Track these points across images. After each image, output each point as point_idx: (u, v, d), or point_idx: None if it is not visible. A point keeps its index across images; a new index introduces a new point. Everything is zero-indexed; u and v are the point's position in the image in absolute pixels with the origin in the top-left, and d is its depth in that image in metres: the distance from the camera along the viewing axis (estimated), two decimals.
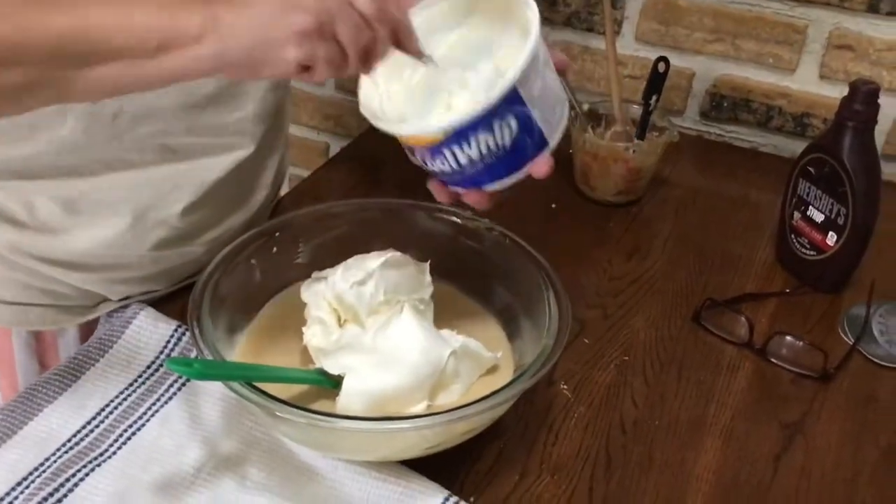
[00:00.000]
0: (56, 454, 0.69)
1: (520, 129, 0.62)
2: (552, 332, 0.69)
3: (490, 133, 0.62)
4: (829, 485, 0.71)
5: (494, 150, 0.63)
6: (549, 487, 0.70)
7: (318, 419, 0.61)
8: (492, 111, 0.61)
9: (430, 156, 0.64)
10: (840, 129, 0.87)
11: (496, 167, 0.65)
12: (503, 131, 0.62)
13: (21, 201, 0.77)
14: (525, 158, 0.65)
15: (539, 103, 0.63)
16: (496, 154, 0.63)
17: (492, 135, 0.62)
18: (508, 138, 0.63)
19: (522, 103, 0.62)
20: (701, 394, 0.79)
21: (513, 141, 0.63)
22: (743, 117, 1.22)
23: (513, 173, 0.66)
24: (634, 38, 1.22)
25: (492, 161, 0.64)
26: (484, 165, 0.64)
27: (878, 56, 1.11)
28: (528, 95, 0.62)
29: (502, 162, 0.64)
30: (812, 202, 0.91)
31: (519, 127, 0.62)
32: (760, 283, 0.94)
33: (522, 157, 0.65)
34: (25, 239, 0.79)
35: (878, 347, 0.85)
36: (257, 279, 0.78)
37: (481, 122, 0.61)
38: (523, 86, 0.61)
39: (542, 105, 0.63)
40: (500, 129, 0.62)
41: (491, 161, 0.64)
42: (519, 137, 0.63)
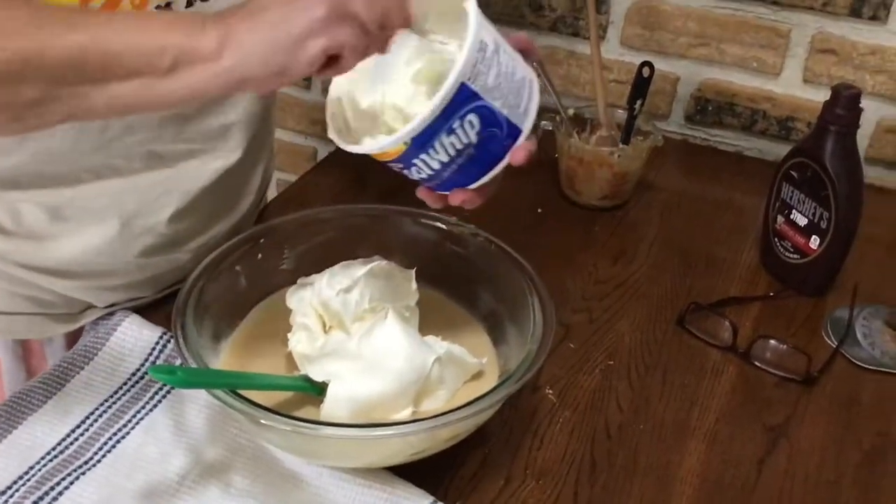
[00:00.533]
0: (41, 462, 0.69)
1: (483, 123, 0.62)
2: (537, 337, 0.69)
3: (452, 134, 0.61)
4: (813, 487, 0.72)
5: (463, 149, 0.62)
6: (533, 493, 0.70)
7: (302, 426, 0.61)
8: (445, 113, 0.60)
9: (404, 167, 0.64)
10: (822, 133, 0.87)
11: (472, 165, 0.64)
12: (465, 129, 0.61)
13: (6, 209, 0.77)
14: (500, 150, 0.64)
15: (498, 93, 0.62)
16: (467, 153, 0.63)
17: (455, 135, 0.61)
18: (474, 135, 0.62)
19: (478, 98, 0.60)
20: (685, 397, 0.80)
21: (479, 137, 0.62)
22: (727, 121, 1.23)
23: (492, 167, 0.65)
24: (619, 43, 1.23)
25: (465, 160, 0.63)
26: (459, 166, 0.64)
27: (861, 60, 1.12)
28: (482, 88, 0.60)
29: (477, 159, 0.64)
30: (795, 206, 0.92)
31: (482, 122, 0.61)
32: (744, 286, 0.94)
33: (496, 149, 0.64)
34: (11, 247, 0.79)
35: (862, 350, 0.85)
36: (242, 286, 0.78)
37: (439, 127, 0.60)
38: (474, 80, 0.60)
39: (502, 94, 0.62)
40: (462, 128, 0.61)
41: (464, 161, 0.63)
42: (485, 132, 0.62)
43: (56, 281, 0.81)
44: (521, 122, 0.65)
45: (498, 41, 0.62)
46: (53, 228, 0.78)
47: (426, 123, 0.60)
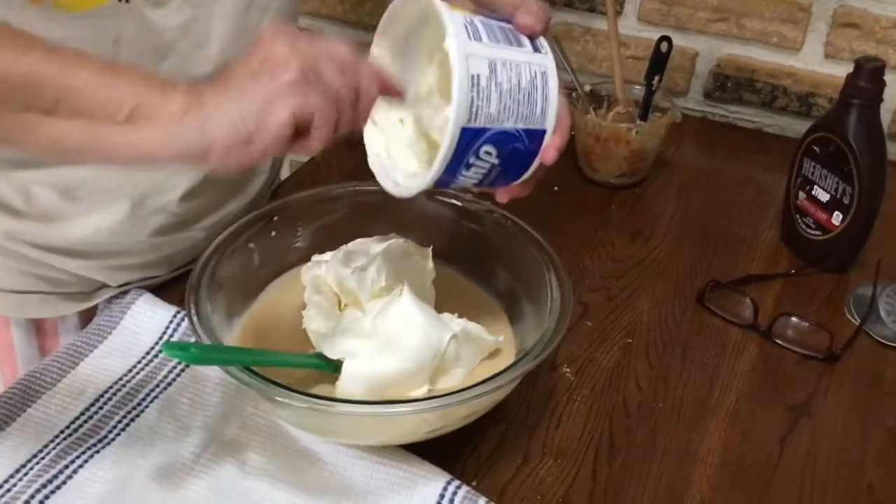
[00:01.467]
0: (55, 440, 0.69)
1: (500, 147, 0.60)
2: (554, 314, 0.68)
3: (472, 167, 0.60)
4: (836, 466, 0.71)
5: (489, 171, 0.61)
6: (551, 471, 0.69)
7: (318, 403, 0.60)
8: (453, 161, 0.59)
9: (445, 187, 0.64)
10: (845, 107, 0.86)
11: (504, 177, 0.64)
12: (484, 159, 0.60)
13: (18, 189, 0.77)
14: (529, 156, 0.63)
15: (506, 114, 0.59)
16: (495, 172, 0.62)
17: (475, 167, 0.60)
18: (495, 158, 0.61)
19: (485, 131, 0.59)
20: (705, 376, 0.79)
21: (501, 157, 0.61)
22: (747, 97, 1.21)
23: (524, 172, 0.64)
24: (637, 19, 1.21)
25: (495, 175, 0.62)
26: (492, 179, 0.63)
27: (884, 34, 1.10)
28: (486, 120, 0.58)
29: (507, 172, 0.63)
30: (817, 181, 0.90)
31: (497, 147, 0.60)
32: (765, 264, 0.93)
33: (524, 157, 0.63)
34: (23, 227, 0.79)
35: (885, 328, 0.84)
36: (256, 263, 0.77)
37: (454, 168, 0.59)
38: (475, 119, 0.58)
39: (511, 111, 0.60)
40: (480, 159, 0.60)
41: (496, 175, 0.62)
42: (506, 150, 0.61)
43: (68, 261, 0.81)
44: (541, 124, 0.62)
45: (495, 57, 0.59)
46: (65, 208, 0.78)
47: (434, 177, 0.59)
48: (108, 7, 0.65)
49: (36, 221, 0.78)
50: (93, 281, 0.84)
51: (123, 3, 0.66)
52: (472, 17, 0.60)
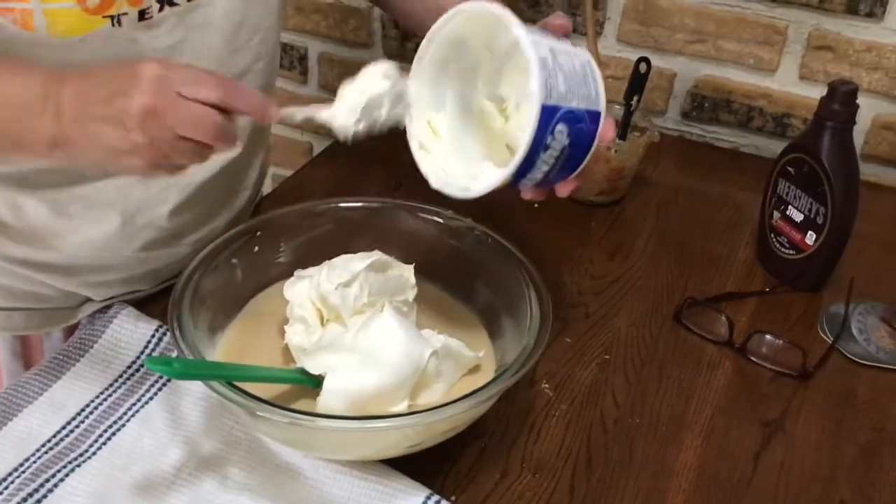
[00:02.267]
0: (36, 454, 0.69)
1: (570, 126, 0.63)
2: (533, 331, 0.69)
3: (548, 149, 0.62)
4: (809, 482, 0.72)
5: (560, 153, 0.63)
6: (530, 486, 0.70)
7: (299, 418, 0.61)
8: (536, 140, 0.60)
9: (514, 185, 0.65)
10: (819, 128, 0.87)
11: (570, 160, 0.65)
12: (558, 139, 0.62)
13: (8, 204, 0.77)
14: (590, 137, 0.66)
15: (571, 94, 0.63)
16: (564, 154, 0.64)
17: (550, 148, 0.62)
18: (566, 138, 0.63)
19: (558, 109, 0.61)
20: (681, 392, 0.80)
21: (570, 138, 0.63)
22: (724, 118, 1.23)
23: (586, 154, 0.67)
24: (616, 39, 1.23)
25: (564, 160, 0.64)
26: (559, 166, 0.65)
27: (858, 57, 1.12)
28: (557, 99, 0.61)
29: (573, 154, 0.65)
30: (791, 202, 0.92)
31: (568, 126, 0.63)
32: (740, 282, 0.94)
33: (586, 138, 0.66)
34: (11, 243, 0.79)
35: (857, 346, 0.85)
36: (239, 278, 0.78)
37: (535, 152, 0.61)
38: (549, 96, 0.60)
39: (574, 92, 0.63)
40: (555, 139, 0.62)
41: (564, 160, 0.64)
42: (574, 131, 0.63)
43: (56, 277, 0.81)
44: (596, 105, 0.66)
45: (552, 46, 0.63)
46: (55, 224, 0.78)
47: (521, 159, 0.61)
48: (101, 32, 0.66)
49: (25, 236, 0.78)
50: (77, 296, 0.84)
51: (117, 28, 0.66)
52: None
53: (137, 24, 0.68)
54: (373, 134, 0.65)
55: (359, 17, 1.39)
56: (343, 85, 0.65)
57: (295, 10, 1.41)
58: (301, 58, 1.46)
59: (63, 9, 0.63)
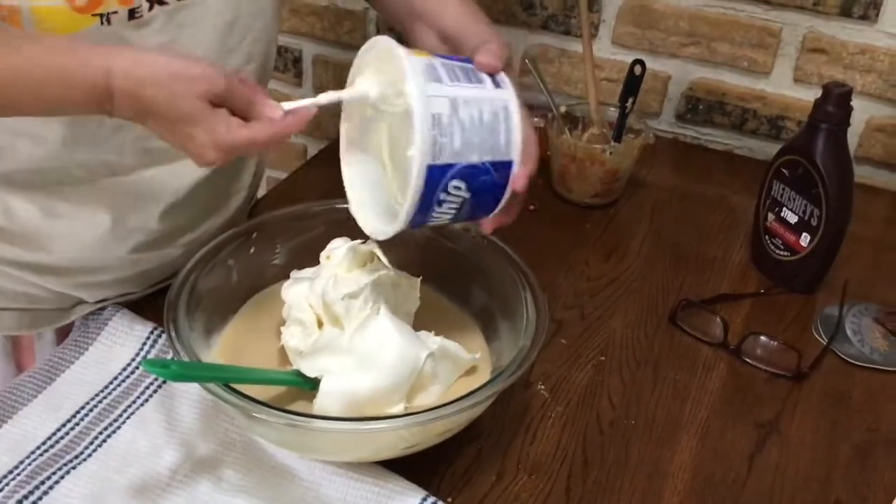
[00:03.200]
0: (31, 457, 0.68)
1: (468, 180, 0.62)
2: (529, 332, 0.69)
3: (444, 203, 0.62)
4: (803, 483, 0.72)
5: (461, 204, 0.63)
6: (526, 487, 0.70)
7: (295, 420, 0.61)
8: (423, 200, 0.60)
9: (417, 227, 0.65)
10: (813, 130, 0.88)
11: (478, 209, 0.65)
12: (454, 194, 0.62)
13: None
14: (500, 186, 0.65)
15: (470, 148, 0.61)
16: (468, 205, 0.63)
17: (446, 203, 0.62)
18: (465, 192, 0.62)
19: (450, 167, 0.60)
20: (676, 393, 0.80)
21: (471, 190, 0.63)
22: (718, 120, 1.23)
23: (497, 202, 0.66)
24: (611, 42, 1.23)
25: (469, 208, 0.64)
26: (467, 213, 0.64)
27: (851, 59, 1.13)
28: (451, 156, 0.60)
29: (480, 205, 0.65)
30: (786, 203, 0.92)
31: (466, 181, 0.62)
32: (735, 284, 0.95)
33: (495, 188, 0.64)
34: (3, 244, 0.78)
35: (851, 347, 0.86)
36: (234, 280, 0.78)
37: (425, 207, 0.61)
38: (439, 156, 0.60)
39: (474, 146, 0.62)
40: (450, 195, 0.62)
41: (468, 209, 0.64)
42: (475, 183, 0.62)
43: (47, 278, 0.81)
44: (506, 155, 0.64)
45: (456, 95, 0.61)
46: (46, 225, 0.78)
47: (407, 218, 0.61)
48: (90, 30, 0.66)
49: (16, 238, 0.78)
50: (70, 297, 0.84)
51: (106, 26, 0.66)
52: (433, 60, 0.63)
53: (127, 22, 0.68)
54: None
55: (354, 20, 1.39)
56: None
57: (290, 13, 1.41)
58: (296, 60, 1.46)
59: (51, 6, 0.63)
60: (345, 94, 0.66)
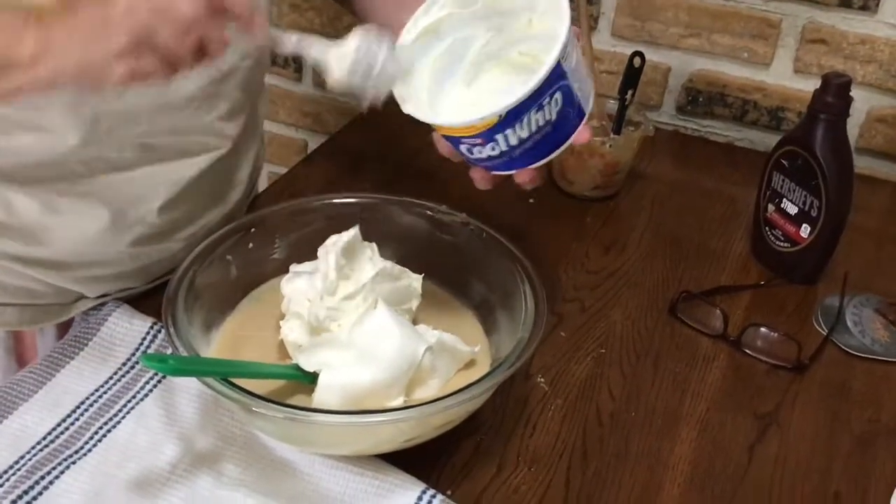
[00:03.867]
0: (31, 452, 0.69)
1: (564, 102, 0.64)
2: (528, 325, 0.69)
3: (541, 110, 0.63)
4: (804, 474, 0.72)
5: (543, 125, 0.64)
6: (525, 479, 0.70)
7: (294, 413, 0.61)
8: (541, 89, 0.61)
9: (481, 142, 0.65)
10: (813, 121, 0.88)
11: (543, 144, 0.66)
12: (551, 107, 0.63)
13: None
14: (568, 130, 0.66)
15: (576, 75, 0.64)
16: (544, 130, 0.64)
17: (542, 111, 0.63)
18: (555, 113, 0.64)
19: (565, 77, 0.63)
20: (676, 385, 0.80)
21: (558, 115, 0.64)
22: (718, 111, 1.23)
23: (558, 147, 0.67)
24: (610, 34, 1.23)
25: (540, 138, 0.65)
26: (533, 143, 0.65)
27: (851, 50, 1.12)
28: (568, 68, 0.63)
29: (549, 137, 0.65)
30: (786, 195, 0.92)
31: (563, 101, 0.64)
32: (735, 275, 0.95)
33: (566, 129, 0.66)
34: (3, 238, 0.79)
35: (852, 338, 0.85)
36: (233, 275, 0.78)
37: (533, 102, 0.62)
38: (565, 59, 0.62)
39: (578, 76, 0.64)
40: (549, 104, 0.63)
41: (539, 138, 0.65)
42: (563, 111, 0.64)
43: (48, 272, 0.81)
44: (585, 106, 0.67)
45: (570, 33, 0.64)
46: (45, 220, 0.78)
47: (527, 95, 0.61)
48: None
49: (16, 233, 0.78)
50: (71, 292, 0.84)
51: None
52: None
53: None
54: (358, 93, 0.65)
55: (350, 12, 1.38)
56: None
57: (290, 8, 1.41)
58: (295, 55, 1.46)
59: None
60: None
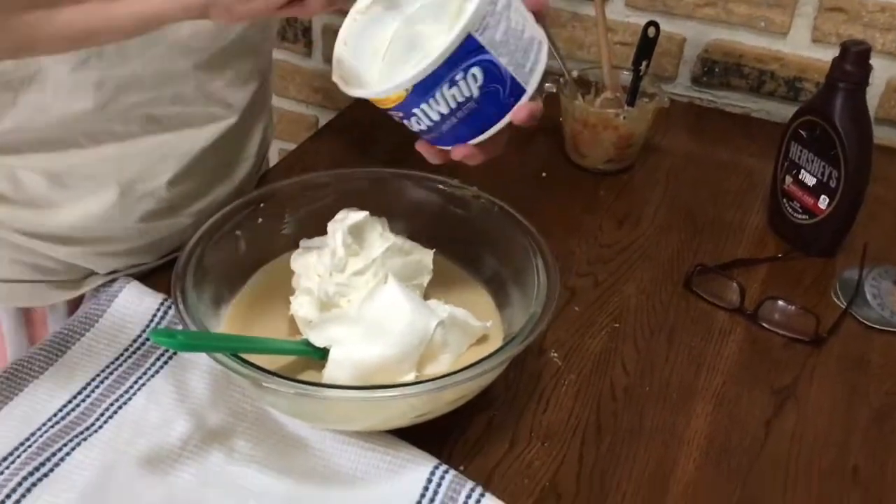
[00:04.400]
0: (42, 428, 0.69)
1: (486, 78, 0.61)
2: (541, 299, 0.68)
3: (454, 86, 0.60)
4: (821, 448, 0.71)
5: (465, 101, 0.62)
6: (539, 455, 0.69)
7: (305, 389, 0.61)
8: (449, 62, 0.59)
9: (404, 116, 0.63)
10: (831, 90, 0.86)
11: (473, 120, 0.63)
12: (468, 82, 0.60)
13: (6, 175, 0.77)
14: (502, 108, 0.64)
15: (504, 49, 0.61)
16: (468, 106, 0.62)
17: (456, 87, 0.60)
18: (476, 89, 0.61)
19: (483, 51, 0.60)
20: (692, 359, 0.79)
21: (482, 91, 0.61)
22: (735, 83, 1.21)
23: (493, 124, 0.64)
24: (624, 4, 1.21)
25: (466, 114, 0.62)
26: (459, 119, 0.63)
27: (871, 18, 1.10)
28: (488, 42, 0.60)
29: (478, 114, 0.63)
30: (804, 166, 0.90)
31: (485, 76, 0.61)
32: (752, 248, 0.93)
33: (498, 106, 0.63)
34: (11, 214, 0.78)
35: (871, 311, 0.84)
36: (242, 250, 0.77)
37: (441, 76, 0.59)
38: (482, 32, 0.59)
39: (508, 50, 0.61)
40: (465, 80, 0.60)
41: (465, 114, 0.62)
42: (488, 87, 0.61)
43: (57, 248, 0.81)
44: (525, 82, 0.64)
45: (512, 2, 0.61)
46: (53, 195, 0.78)
47: (429, 71, 0.59)
48: None
49: (24, 208, 0.78)
50: (81, 268, 0.84)
51: None
52: None
53: None
54: None
55: None
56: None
57: None
58: (305, 30, 1.45)
59: None
60: None
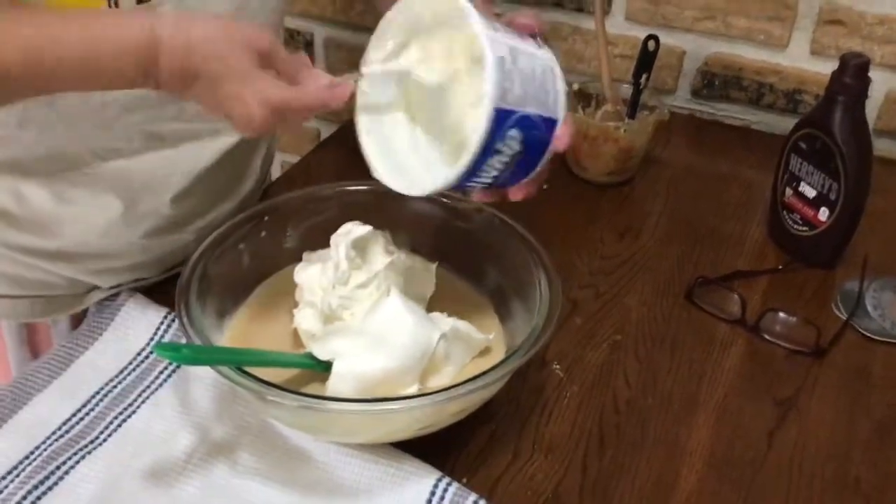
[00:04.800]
0: (47, 442, 0.69)
1: (524, 132, 0.61)
2: (543, 312, 0.69)
3: (497, 154, 0.61)
4: (824, 459, 0.71)
5: (511, 159, 0.62)
6: (542, 467, 0.69)
7: (308, 401, 0.61)
8: (486, 146, 0.59)
9: (460, 186, 0.64)
10: (831, 103, 0.86)
11: (521, 165, 0.64)
12: (509, 144, 0.61)
13: (11, 193, 0.77)
14: (544, 143, 0.65)
15: (527, 98, 0.61)
16: (515, 159, 0.63)
17: (500, 154, 0.61)
18: (518, 144, 0.62)
19: (513, 113, 0.60)
20: (693, 371, 0.79)
21: (523, 144, 0.62)
22: (734, 95, 1.21)
23: (539, 160, 0.66)
24: (624, 17, 1.21)
25: (515, 165, 0.63)
26: (510, 172, 0.64)
27: (870, 30, 1.11)
28: (513, 103, 0.60)
29: (524, 161, 0.64)
30: (804, 178, 0.91)
31: (522, 131, 0.61)
32: (753, 260, 0.94)
33: (540, 144, 0.64)
34: (16, 231, 0.79)
35: (872, 322, 0.84)
36: (246, 263, 0.77)
37: (484, 156, 0.60)
38: (503, 99, 0.59)
39: (531, 95, 0.61)
40: (506, 144, 0.61)
41: (514, 165, 0.63)
42: (528, 136, 0.62)
43: (60, 264, 0.81)
44: (554, 112, 0.64)
45: (512, 46, 0.61)
46: (58, 211, 0.78)
47: (472, 161, 0.59)
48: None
49: (28, 225, 0.78)
50: (84, 283, 0.84)
51: (113, 7, 0.66)
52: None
53: (136, 6, 0.68)
54: None
55: (365, 1, 1.38)
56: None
57: None
58: (307, 44, 1.46)
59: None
60: (390, 66, 0.65)
